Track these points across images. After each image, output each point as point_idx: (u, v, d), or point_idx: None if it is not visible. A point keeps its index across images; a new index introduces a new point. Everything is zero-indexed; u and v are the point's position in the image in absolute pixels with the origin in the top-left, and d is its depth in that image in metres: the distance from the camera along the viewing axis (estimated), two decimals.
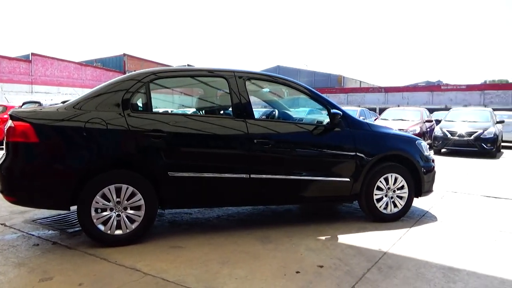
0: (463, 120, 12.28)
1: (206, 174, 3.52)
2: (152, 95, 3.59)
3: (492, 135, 11.23)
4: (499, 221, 4.31)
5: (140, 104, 3.65)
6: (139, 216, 3.34)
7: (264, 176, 3.68)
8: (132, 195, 3.31)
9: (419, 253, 3.29)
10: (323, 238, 3.65)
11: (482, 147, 11.18)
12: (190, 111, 4.79)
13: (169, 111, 4.83)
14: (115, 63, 35.90)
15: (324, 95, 4.26)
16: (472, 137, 11.30)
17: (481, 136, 11.23)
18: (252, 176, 3.63)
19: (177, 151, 3.50)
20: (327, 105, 4.06)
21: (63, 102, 3.60)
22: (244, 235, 3.68)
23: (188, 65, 36.41)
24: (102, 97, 3.42)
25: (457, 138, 11.52)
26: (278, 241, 3.54)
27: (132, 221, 3.33)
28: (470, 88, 31.57)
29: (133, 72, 3.77)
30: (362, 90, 37.88)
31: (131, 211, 3.32)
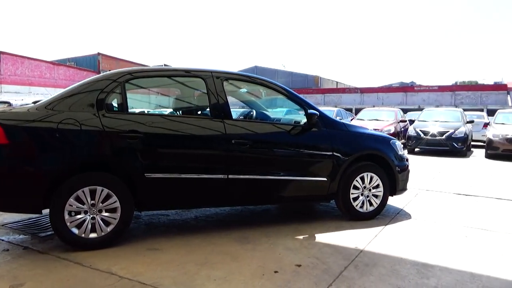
0: (435, 120, 12.66)
1: (183, 175, 3.49)
2: (128, 95, 3.53)
3: (463, 135, 11.62)
4: (469, 218, 4.46)
5: (115, 104, 3.58)
6: (115, 219, 3.28)
7: (242, 176, 3.68)
8: (107, 197, 3.24)
9: (394, 250, 3.37)
10: (301, 237, 3.69)
11: (453, 146, 11.55)
12: (167, 111, 4.73)
13: (146, 112, 4.76)
14: (89, 63, 35.04)
15: (301, 96, 4.30)
16: (444, 137, 11.66)
17: (452, 136, 11.61)
18: (230, 176, 3.62)
19: (153, 152, 3.45)
20: (304, 106, 4.09)
21: (35, 103, 3.50)
22: (223, 236, 3.67)
23: (164, 65, 35.97)
24: (76, 97, 3.34)
25: (430, 137, 11.86)
26: (256, 241, 3.55)
27: (107, 224, 3.26)
28: (442, 89, 32.57)
29: (108, 72, 3.70)
30: (338, 91, 38.41)
31: (106, 214, 3.26)
